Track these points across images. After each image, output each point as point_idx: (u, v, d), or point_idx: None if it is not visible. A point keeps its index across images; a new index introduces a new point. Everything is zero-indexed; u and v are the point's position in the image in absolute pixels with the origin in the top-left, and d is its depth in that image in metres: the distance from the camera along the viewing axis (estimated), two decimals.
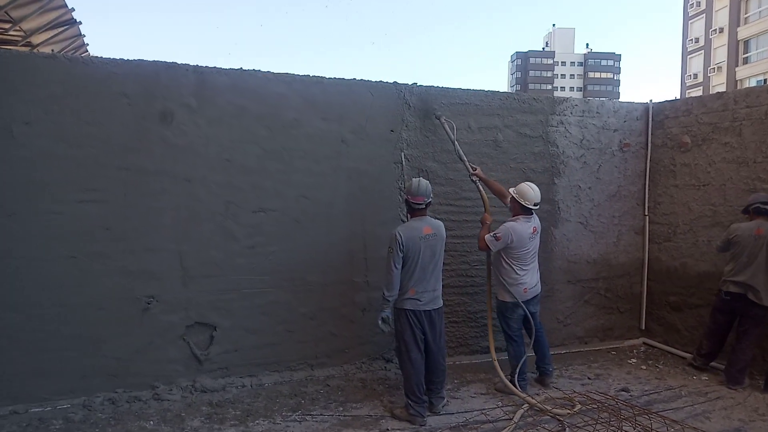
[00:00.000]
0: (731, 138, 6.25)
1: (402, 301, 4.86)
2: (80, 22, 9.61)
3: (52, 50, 9.22)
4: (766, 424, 4.85)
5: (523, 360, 5.44)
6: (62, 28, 9.47)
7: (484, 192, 5.79)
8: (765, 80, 34.69)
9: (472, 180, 5.81)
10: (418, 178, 5.10)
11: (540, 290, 5.63)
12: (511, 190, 5.51)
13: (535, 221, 5.49)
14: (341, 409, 5.05)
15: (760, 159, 5.95)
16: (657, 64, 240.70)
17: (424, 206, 4.97)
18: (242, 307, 5.46)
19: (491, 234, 5.34)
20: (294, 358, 5.70)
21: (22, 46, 9.00)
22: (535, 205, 5.37)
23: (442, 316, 5.05)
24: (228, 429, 4.62)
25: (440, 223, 5.09)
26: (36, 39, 9.11)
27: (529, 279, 5.43)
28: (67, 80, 4.79)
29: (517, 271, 5.37)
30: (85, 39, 10.53)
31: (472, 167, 5.81)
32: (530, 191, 5.38)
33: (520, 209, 5.41)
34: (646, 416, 4.86)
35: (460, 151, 5.86)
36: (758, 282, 5.60)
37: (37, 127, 4.72)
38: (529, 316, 5.42)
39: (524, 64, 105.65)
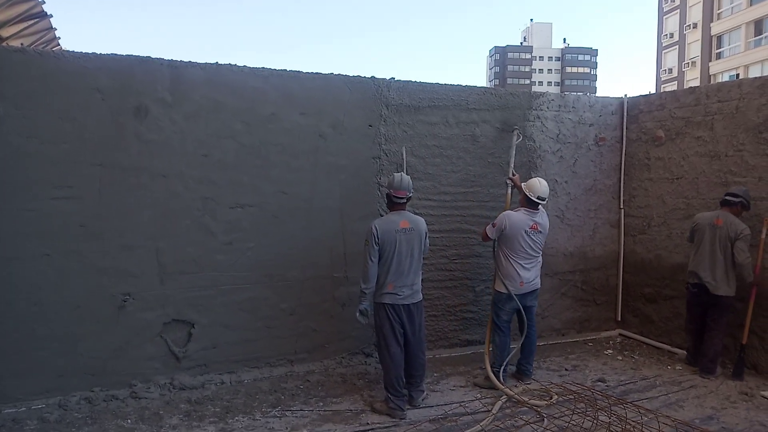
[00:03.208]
0: (703, 132, 6.36)
1: (381, 295, 4.88)
2: (51, 15, 9.43)
3: (22, 44, 9.00)
4: (737, 411, 4.98)
5: (510, 356, 5.52)
6: (32, 21, 9.28)
7: (510, 197, 5.96)
8: (737, 75, 35.28)
9: (506, 182, 6.03)
10: (400, 173, 5.13)
11: (539, 285, 5.67)
12: (523, 183, 5.63)
13: (540, 218, 5.53)
14: (321, 404, 5.05)
15: (731, 153, 6.07)
16: (633, 59, 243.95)
17: (405, 200, 5.00)
18: (220, 303, 5.42)
19: (491, 222, 5.49)
20: (273, 354, 5.69)
21: None
22: (539, 198, 5.44)
23: (421, 310, 5.08)
24: (207, 426, 4.60)
25: (420, 218, 5.12)
26: (5, 32, 8.89)
27: (526, 275, 5.47)
28: (38, 75, 4.69)
29: (513, 264, 5.42)
30: (56, 32, 10.33)
31: (513, 173, 6.03)
32: (536, 185, 5.48)
33: (525, 201, 5.52)
34: (621, 406, 4.95)
35: (512, 159, 6.14)
36: (715, 271, 5.72)
37: (8, 123, 4.62)
38: (522, 311, 5.49)
39: (502, 58, 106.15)
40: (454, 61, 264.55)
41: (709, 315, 5.82)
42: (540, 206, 5.54)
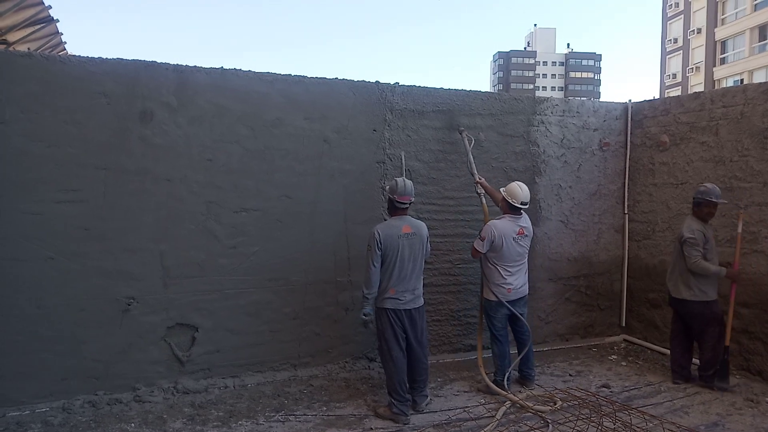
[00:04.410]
0: (708, 137, 6.35)
1: (383, 300, 4.88)
2: (57, 20, 9.46)
3: (29, 48, 9.05)
4: (743, 417, 4.95)
5: (511, 367, 5.50)
6: (39, 26, 9.31)
7: (485, 204, 5.87)
8: (742, 80, 35.24)
9: (477, 192, 5.92)
10: (402, 178, 5.13)
11: (527, 292, 5.64)
12: (501, 189, 5.57)
13: (524, 222, 5.51)
14: (325, 408, 5.05)
15: (736, 158, 6.05)
16: (637, 64, 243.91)
17: (408, 206, 5.00)
18: (224, 307, 5.42)
19: (478, 237, 5.41)
20: (277, 358, 5.68)
21: None
22: (522, 204, 5.41)
23: (423, 314, 5.08)
24: (210, 430, 4.59)
25: (422, 223, 5.12)
26: (12, 37, 8.94)
27: (513, 280, 5.43)
28: (44, 79, 4.71)
29: (501, 272, 5.38)
30: (62, 37, 10.37)
31: (478, 177, 5.95)
32: (518, 190, 5.42)
33: (508, 208, 5.47)
34: (626, 412, 4.93)
35: (472, 165, 6.00)
36: (672, 273, 5.74)
37: (14, 126, 4.64)
38: (518, 315, 5.46)
39: (506, 63, 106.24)
40: (458, 65, 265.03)
41: (693, 329, 5.69)
42: (522, 210, 5.50)
